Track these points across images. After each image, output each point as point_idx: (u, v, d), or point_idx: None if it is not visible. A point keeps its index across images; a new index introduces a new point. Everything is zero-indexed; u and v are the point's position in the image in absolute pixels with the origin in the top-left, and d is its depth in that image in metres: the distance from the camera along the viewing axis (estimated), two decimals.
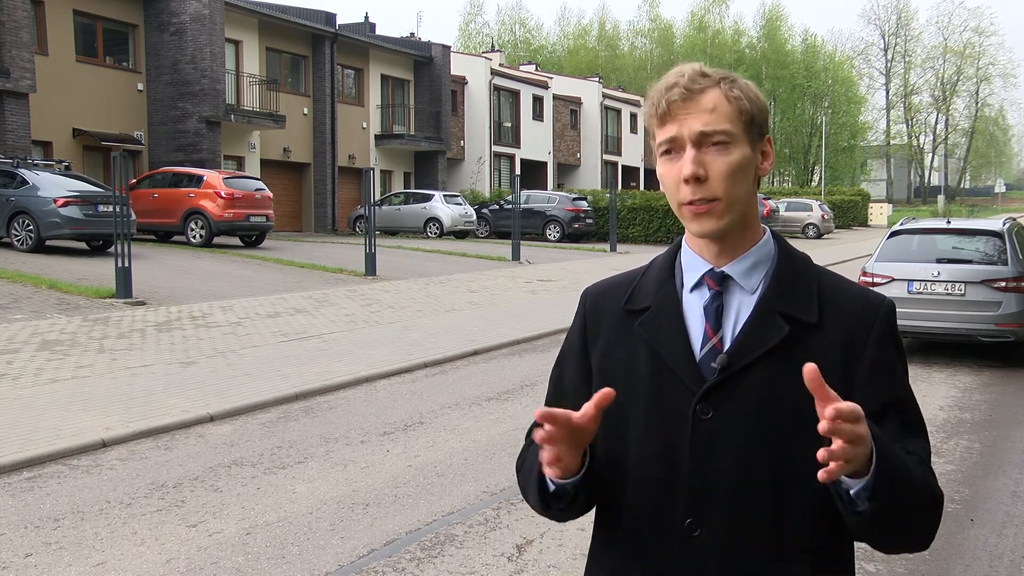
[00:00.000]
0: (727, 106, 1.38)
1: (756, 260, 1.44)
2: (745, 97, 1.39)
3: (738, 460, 1.37)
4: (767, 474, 1.37)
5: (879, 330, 1.42)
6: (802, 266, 1.47)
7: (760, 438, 1.37)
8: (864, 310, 1.43)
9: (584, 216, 31.84)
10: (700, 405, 1.39)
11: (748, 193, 1.41)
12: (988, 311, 9.62)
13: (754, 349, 1.38)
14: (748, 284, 1.43)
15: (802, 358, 1.34)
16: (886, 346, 1.42)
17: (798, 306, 1.41)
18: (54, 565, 4.45)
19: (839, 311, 1.42)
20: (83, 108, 23.71)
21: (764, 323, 1.39)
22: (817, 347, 1.38)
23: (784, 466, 1.37)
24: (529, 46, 77.05)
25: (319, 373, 8.82)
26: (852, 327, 1.41)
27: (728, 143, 1.37)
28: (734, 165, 1.37)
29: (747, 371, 1.38)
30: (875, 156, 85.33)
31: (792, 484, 1.36)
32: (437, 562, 4.53)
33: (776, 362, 1.38)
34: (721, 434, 1.38)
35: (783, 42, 73.65)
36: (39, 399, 7.51)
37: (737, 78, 1.42)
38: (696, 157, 1.37)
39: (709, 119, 1.37)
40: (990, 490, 5.78)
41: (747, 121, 1.39)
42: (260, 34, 29.31)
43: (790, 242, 1.51)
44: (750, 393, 1.37)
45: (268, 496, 5.48)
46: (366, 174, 18.30)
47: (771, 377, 1.37)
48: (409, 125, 36.12)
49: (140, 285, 13.48)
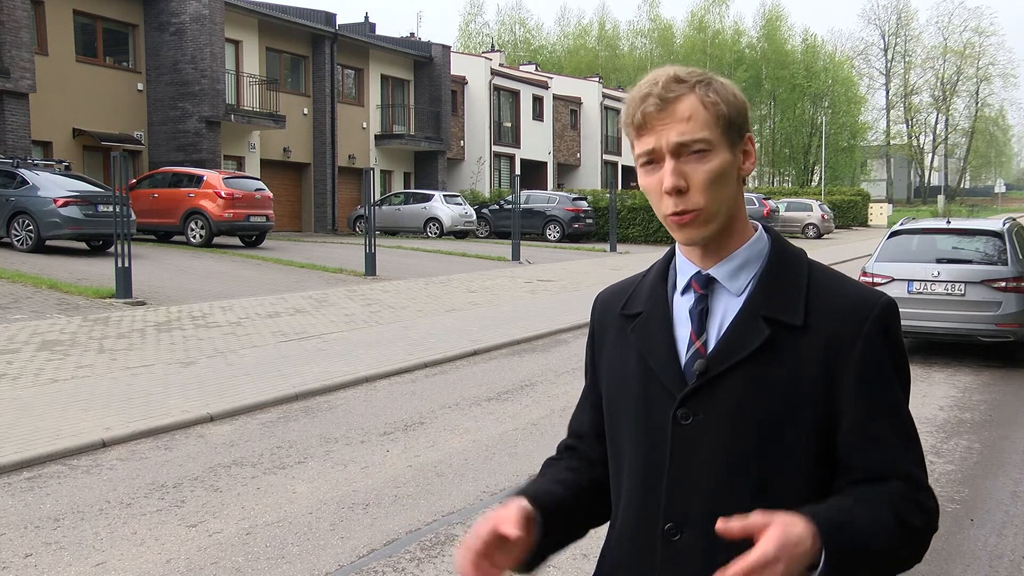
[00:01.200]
0: (704, 113, 1.34)
1: (744, 261, 1.41)
2: (722, 101, 1.35)
3: (717, 465, 1.36)
4: (747, 479, 1.35)
5: (870, 329, 1.35)
6: (794, 264, 1.42)
7: (740, 443, 1.35)
8: (855, 309, 1.36)
9: (584, 216, 31.84)
10: (680, 410, 1.38)
11: (732, 197, 1.38)
12: (988, 311, 9.62)
13: (733, 354, 1.35)
14: (734, 286, 1.40)
15: (784, 362, 1.34)
16: (877, 347, 1.35)
17: (782, 308, 1.36)
18: (54, 565, 4.45)
19: (828, 311, 1.36)
20: (83, 108, 23.72)
21: (746, 327, 1.36)
22: (800, 350, 1.34)
23: (764, 471, 1.35)
24: (529, 46, 77.05)
25: (319, 373, 8.82)
26: (840, 327, 1.35)
27: (707, 151, 1.34)
28: (714, 173, 1.34)
29: (726, 376, 1.36)
30: (875, 156, 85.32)
31: (773, 489, 1.35)
32: (437, 562, 4.53)
33: (757, 366, 1.35)
34: (701, 439, 1.37)
35: (783, 42, 73.61)
36: (39, 399, 7.51)
37: (713, 79, 1.37)
38: (676, 168, 1.34)
39: (686, 128, 1.33)
40: (990, 490, 5.78)
41: (725, 125, 1.35)
42: (260, 34, 29.31)
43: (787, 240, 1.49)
44: (730, 398, 1.35)
45: (268, 496, 5.48)
46: (366, 174, 18.29)
47: (751, 381, 1.35)
48: (409, 125, 36.13)
49: (140, 285, 13.48)
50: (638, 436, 1.43)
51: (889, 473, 1.35)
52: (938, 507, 1.38)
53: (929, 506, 1.36)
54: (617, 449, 1.49)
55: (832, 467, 1.38)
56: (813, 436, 1.35)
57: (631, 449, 1.45)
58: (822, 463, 1.37)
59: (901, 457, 1.36)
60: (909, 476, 1.36)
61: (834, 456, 1.37)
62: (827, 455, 1.37)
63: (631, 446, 1.45)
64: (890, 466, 1.35)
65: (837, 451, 1.37)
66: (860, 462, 1.35)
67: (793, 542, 1.21)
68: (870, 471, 1.35)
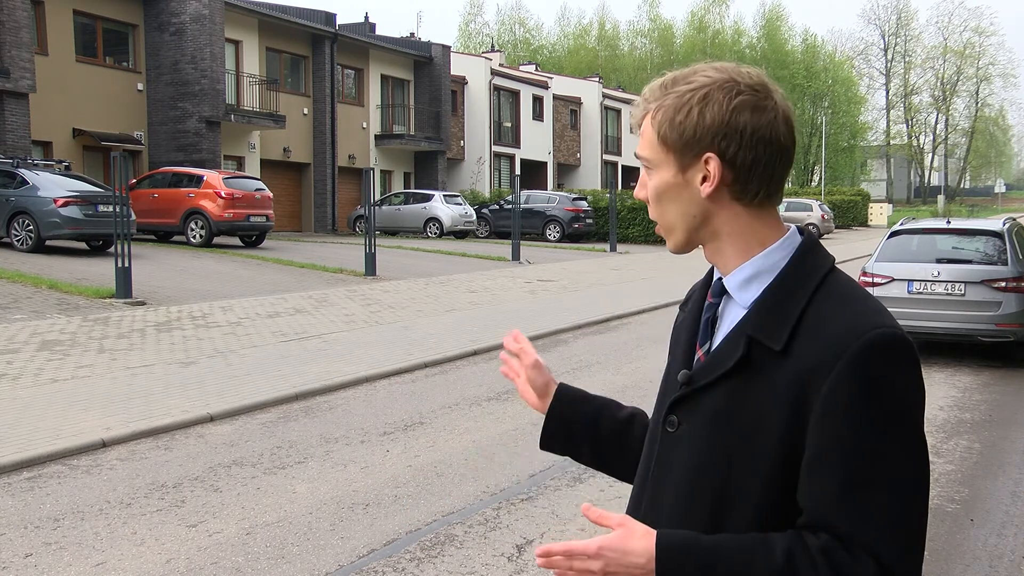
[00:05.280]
0: (649, 131, 1.36)
1: (756, 271, 1.36)
2: (668, 122, 1.33)
3: (686, 476, 1.35)
4: (709, 494, 1.33)
5: (845, 363, 1.21)
6: (803, 281, 1.32)
7: (708, 456, 1.33)
8: (838, 339, 1.23)
9: (584, 216, 31.84)
10: (670, 417, 1.39)
11: (689, 215, 1.35)
12: (988, 311, 9.62)
13: (715, 369, 1.34)
14: (743, 297, 1.37)
15: (758, 386, 1.29)
16: (846, 383, 1.21)
17: (768, 329, 1.30)
18: (54, 565, 4.45)
19: (814, 338, 1.26)
20: (83, 108, 23.72)
21: (732, 343, 1.34)
22: (775, 377, 1.27)
23: (727, 488, 1.31)
24: (529, 46, 77.06)
25: (319, 373, 8.82)
26: (818, 357, 1.24)
27: (651, 168, 1.38)
28: (656, 190, 1.37)
29: (708, 389, 1.35)
30: (875, 156, 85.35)
31: (733, 508, 1.31)
32: (437, 562, 4.53)
33: (733, 385, 1.32)
34: (680, 448, 1.37)
35: (783, 42, 73.65)
36: (39, 399, 7.51)
37: (679, 93, 1.32)
38: (642, 178, 1.41)
39: (640, 143, 1.39)
40: (990, 490, 5.78)
41: (669, 146, 1.33)
42: (260, 34, 29.31)
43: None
44: (707, 411, 1.34)
45: (268, 496, 5.48)
46: (366, 174, 18.30)
47: (728, 398, 1.32)
48: (409, 125, 36.12)
49: (140, 285, 13.48)
50: (649, 436, 1.46)
51: (820, 525, 1.22)
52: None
53: (855, 573, 1.19)
54: None
55: (791, 506, 1.28)
56: (781, 465, 1.27)
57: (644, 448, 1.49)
58: (781, 500, 1.28)
59: (846, 511, 1.20)
60: (845, 535, 1.20)
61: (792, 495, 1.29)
62: (787, 493, 1.28)
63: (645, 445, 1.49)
64: (824, 517, 1.22)
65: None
66: (804, 505, 1.25)
67: (623, 550, 1.25)
68: (808, 518, 1.24)
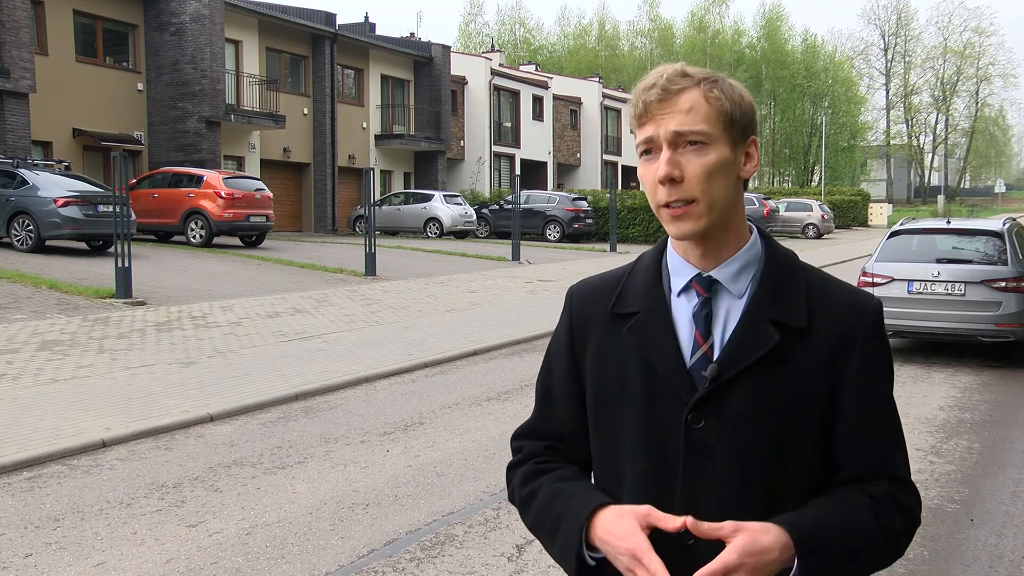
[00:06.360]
0: (705, 106, 1.35)
1: (744, 263, 1.42)
2: (726, 98, 1.37)
3: (731, 469, 1.36)
4: (760, 482, 1.36)
5: (868, 329, 1.41)
6: (789, 268, 1.44)
7: (753, 447, 1.36)
8: (853, 310, 1.41)
9: (584, 216, 31.83)
10: (692, 415, 1.37)
11: (729, 195, 1.38)
12: (988, 311, 9.62)
13: (744, 358, 1.36)
14: (736, 288, 1.41)
15: (793, 364, 1.37)
16: (874, 348, 1.42)
17: (788, 312, 1.39)
18: (54, 565, 4.45)
19: (829, 314, 1.40)
20: (83, 108, 23.71)
21: (754, 331, 1.37)
22: (807, 353, 1.38)
23: (777, 474, 1.37)
24: (529, 46, 77.01)
25: (319, 373, 8.82)
26: (842, 330, 1.40)
27: (705, 144, 1.35)
28: (710, 166, 1.35)
29: (737, 380, 1.36)
30: (875, 156, 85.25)
31: (786, 491, 1.37)
32: (437, 562, 4.53)
33: (767, 370, 1.36)
34: (714, 444, 1.37)
35: (783, 42, 73.57)
36: (39, 399, 7.51)
37: (720, 78, 1.39)
38: (671, 158, 1.35)
39: (685, 119, 1.34)
40: (990, 490, 5.78)
41: (727, 122, 1.36)
42: (260, 34, 29.31)
43: (785, 242, 1.49)
44: (742, 402, 1.36)
45: (268, 496, 5.48)
46: (366, 174, 18.30)
47: (762, 385, 1.36)
48: (409, 125, 36.12)
49: (140, 285, 13.48)
50: (642, 441, 1.42)
51: (879, 473, 1.41)
52: (920, 502, 1.44)
53: (910, 505, 1.42)
54: (611, 451, 1.47)
55: (828, 467, 1.42)
56: (818, 437, 1.39)
57: (634, 454, 1.43)
58: (823, 464, 1.41)
59: (891, 457, 1.42)
60: (896, 476, 1.42)
61: (829, 455, 1.41)
62: (825, 455, 1.41)
63: (634, 451, 1.43)
64: (880, 466, 1.41)
65: (832, 449, 1.41)
66: (853, 460, 1.40)
67: (759, 551, 1.26)
68: (861, 470, 1.40)
